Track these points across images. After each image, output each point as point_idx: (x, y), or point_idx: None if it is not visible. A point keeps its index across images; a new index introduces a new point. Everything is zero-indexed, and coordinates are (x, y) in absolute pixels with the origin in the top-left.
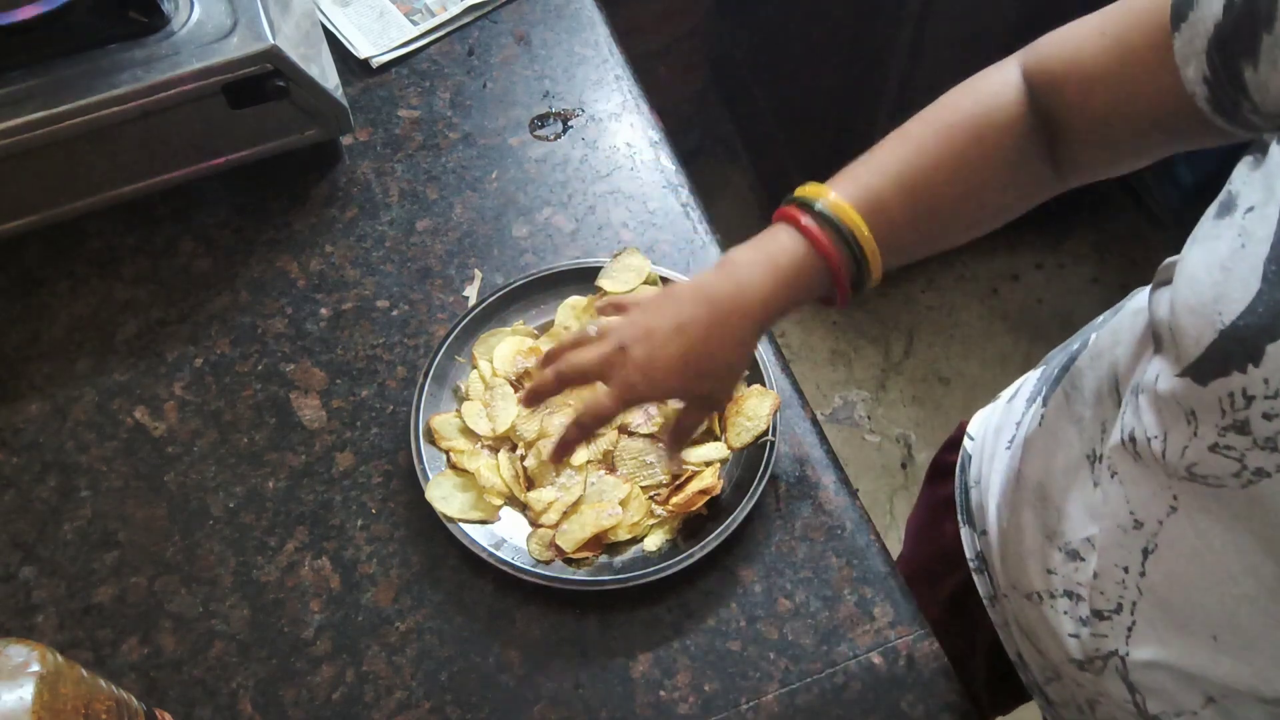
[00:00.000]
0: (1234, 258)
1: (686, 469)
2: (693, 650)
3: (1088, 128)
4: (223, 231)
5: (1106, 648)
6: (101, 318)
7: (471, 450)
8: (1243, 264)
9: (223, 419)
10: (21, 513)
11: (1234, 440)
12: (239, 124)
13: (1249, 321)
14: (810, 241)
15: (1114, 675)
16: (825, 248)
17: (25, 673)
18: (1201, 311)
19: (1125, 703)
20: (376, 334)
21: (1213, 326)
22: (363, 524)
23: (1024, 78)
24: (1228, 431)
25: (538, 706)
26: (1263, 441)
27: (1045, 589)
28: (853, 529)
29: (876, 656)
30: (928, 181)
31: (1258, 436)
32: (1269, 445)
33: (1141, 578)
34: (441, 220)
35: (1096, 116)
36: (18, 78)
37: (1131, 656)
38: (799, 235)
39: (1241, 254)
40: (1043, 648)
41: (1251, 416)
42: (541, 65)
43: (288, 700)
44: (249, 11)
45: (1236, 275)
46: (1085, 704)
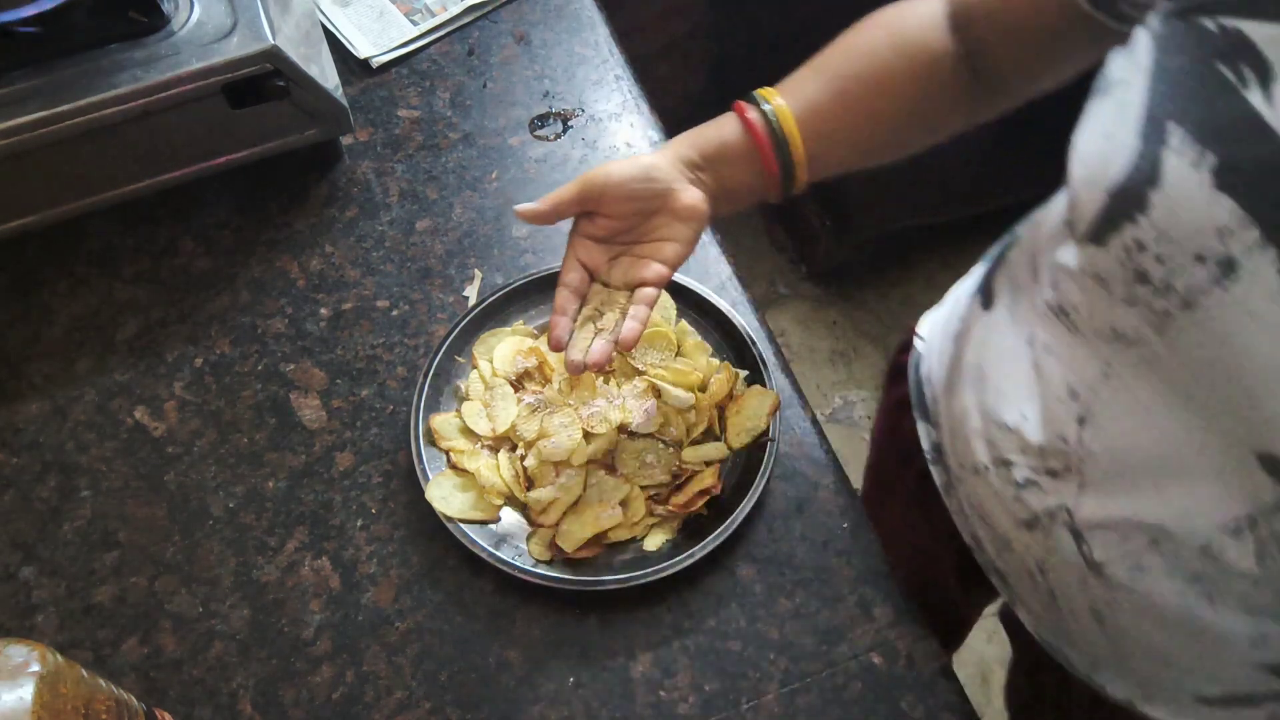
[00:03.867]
0: (1114, 126)
1: (686, 469)
2: (693, 650)
3: (997, 44)
4: (223, 231)
5: (1052, 504)
6: (101, 318)
7: (471, 450)
8: (1121, 129)
9: (223, 419)
10: (21, 513)
11: (1139, 292)
12: (239, 124)
13: (1132, 176)
14: (749, 132)
15: (1061, 529)
16: (761, 141)
17: (25, 673)
18: (1092, 180)
19: (1073, 555)
20: (376, 334)
21: (1102, 189)
22: (363, 524)
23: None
24: (1132, 284)
25: (538, 706)
26: (1161, 285)
27: (990, 460)
28: (852, 529)
29: (876, 656)
30: (860, 98)
31: (1156, 282)
32: (1166, 288)
33: (1079, 443)
34: (441, 220)
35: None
36: (18, 78)
37: (1077, 512)
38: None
39: (1119, 122)
40: (992, 520)
41: (1147, 263)
42: (541, 65)
43: (288, 700)
44: (249, 11)
45: (1118, 140)
46: (1035, 568)
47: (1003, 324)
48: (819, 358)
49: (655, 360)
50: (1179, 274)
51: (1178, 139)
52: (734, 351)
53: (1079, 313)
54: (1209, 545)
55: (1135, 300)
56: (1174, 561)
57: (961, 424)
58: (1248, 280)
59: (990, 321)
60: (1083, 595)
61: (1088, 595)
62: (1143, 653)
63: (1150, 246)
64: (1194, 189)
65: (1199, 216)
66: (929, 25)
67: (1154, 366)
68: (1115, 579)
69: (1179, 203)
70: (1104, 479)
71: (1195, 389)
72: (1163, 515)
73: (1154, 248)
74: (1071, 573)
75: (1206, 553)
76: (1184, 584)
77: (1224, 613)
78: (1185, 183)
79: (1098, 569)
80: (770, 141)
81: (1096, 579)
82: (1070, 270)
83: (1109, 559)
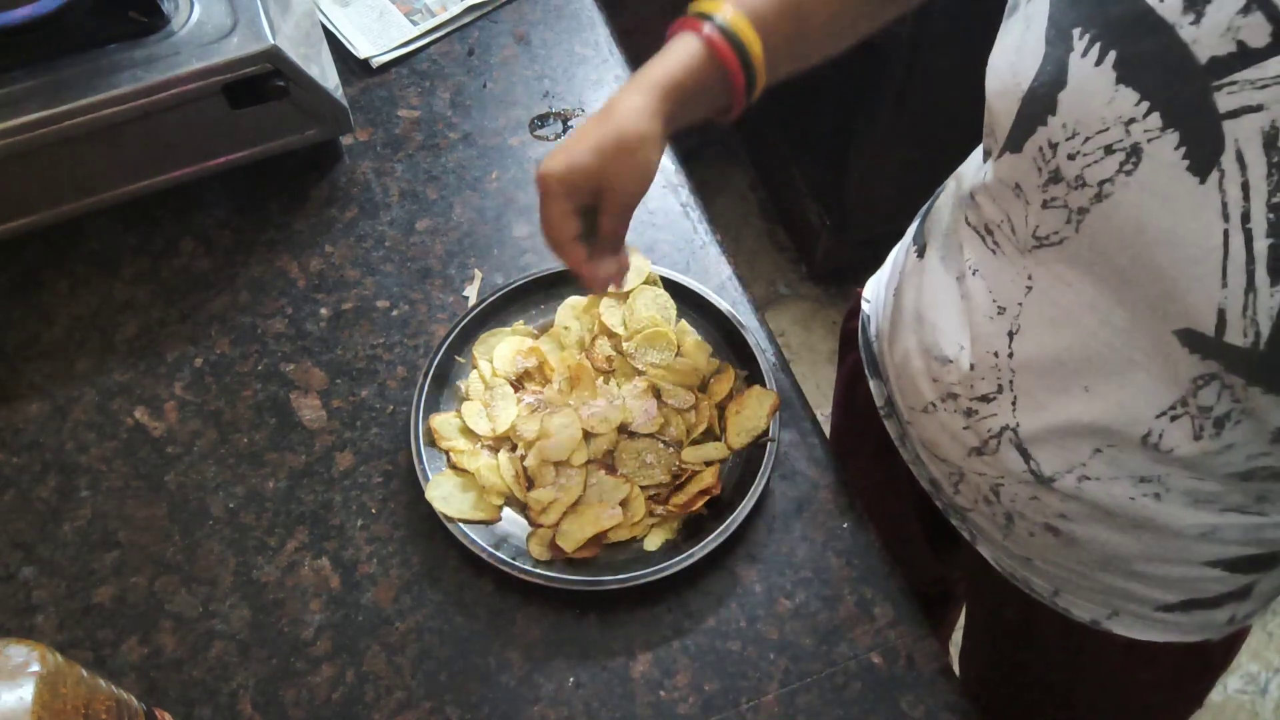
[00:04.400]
0: (1022, 39)
1: (686, 469)
2: (693, 650)
3: None
4: (223, 231)
5: (997, 425)
6: (101, 318)
7: (471, 450)
8: (1029, 41)
9: (223, 419)
10: (21, 513)
11: (1055, 191)
12: (239, 124)
13: (1041, 81)
14: (714, 49)
15: (1008, 448)
16: (727, 56)
17: (25, 673)
18: (1005, 91)
19: (1022, 473)
20: (376, 334)
21: (1015, 97)
22: (363, 524)
23: None
24: (1048, 185)
25: (537, 706)
26: (1074, 181)
27: (935, 396)
28: (852, 529)
29: (876, 656)
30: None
31: (1069, 178)
32: (1079, 182)
33: (1010, 358)
34: (441, 220)
35: None
36: (18, 78)
37: (1021, 427)
38: (702, 42)
39: (1027, 34)
40: (944, 454)
41: (1060, 162)
42: (541, 65)
43: (288, 700)
44: (249, 11)
45: (1026, 50)
46: (990, 493)
47: (934, 267)
48: (819, 358)
49: (655, 360)
50: (1090, 168)
51: (1081, 41)
52: (734, 351)
53: (1001, 229)
54: (1149, 435)
55: (1051, 201)
56: (1118, 464)
57: (906, 368)
58: (1152, 163)
59: (924, 267)
60: (1037, 512)
61: (1042, 511)
62: (1101, 564)
63: (1062, 145)
64: (1098, 85)
65: (1104, 110)
66: None
67: (1073, 269)
68: (1065, 489)
69: (1085, 99)
70: (1038, 390)
71: (1114, 283)
72: (1099, 415)
73: (1065, 146)
74: (1024, 490)
75: (1147, 444)
76: (1131, 485)
77: (1172, 509)
78: (1089, 80)
79: (1048, 483)
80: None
81: (1048, 493)
82: (989, 186)
83: (1056, 471)
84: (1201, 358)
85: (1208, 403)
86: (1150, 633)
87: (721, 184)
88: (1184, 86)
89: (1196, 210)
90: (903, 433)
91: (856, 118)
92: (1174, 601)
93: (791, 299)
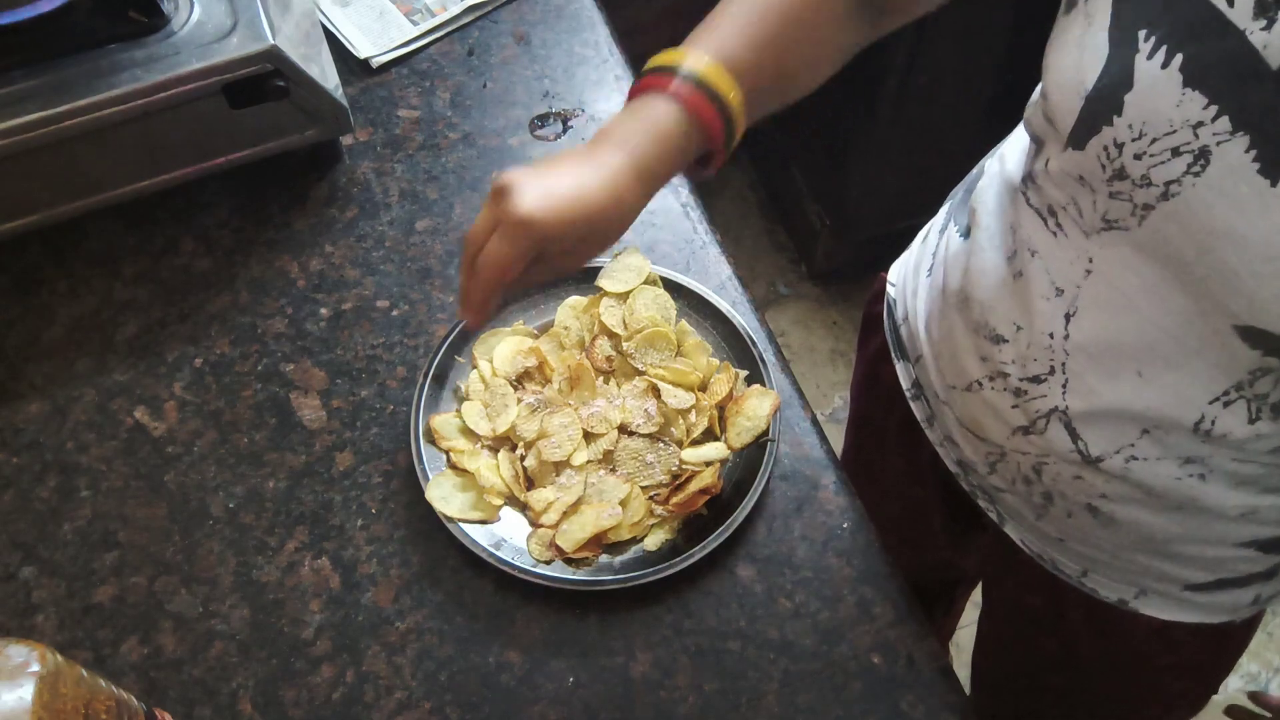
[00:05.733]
0: (1084, 37)
1: (686, 469)
2: (693, 650)
3: None
4: (223, 231)
5: (1046, 407)
6: (101, 318)
7: (471, 450)
8: (1092, 39)
9: (223, 419)
10: (21, 513)
11: (1120, 187)
12: (239, 124)
13: (1105, 82)
14: (687, 107)
15: (1057, 427)
16: (706, 113)
17: (25, 673)
18: (1068, 87)
19: (1069, 452)
20: (376, 334)
21: (1079, 95)
22: (363, 524)
23: None
24: (1113, 181)
25: (537, 706)
26: (1140, 180)
27: (983, 375)
28: (852, 529)
29: (876, 656)
30: (773, 40)
31: (1134, 177)
32: (1145, 181)
33: (1066, 340)
34: (441, 220)
35: None
36: (18, 78)
37: (1071, 409)
38: (674, 102)
39: (1089, 32)
40: (986, 433)
41: (1125, 161)
42: (541, 65)
43: (288, 700)
44: (249, 11)
45: (1089, 49)
46: (1031, 471)
47: (983, 247)
48: (819, 358)
49: (655, 360)
50: (1157, 168)
51: (1147, 43)
52: (734, 351)
53: (1065, 212)
54: (1201, 421)
55: (1116, 196)
56: (1166, 446)
57: (949, 348)
58: (1221, 166)
59: (969, 249)
60: (1079, 492)
61: (1084, 491)
62: (1137, 544)
63: (1128, 145)
64: (1165, 87)
65: (1172, 112)
66: None
67: (1137, 254)
68: (1112, 470)
69: (1152, 102)
70: (1090, 373)
71: (1177, 273)
72: (1152, 401)
73: (1131, 146)
74: (1068, 470)
75: (1199, 430)
76: (1177, 467)
77: (1216, 489)
78: (1157, 82)
79: (1094, 463)
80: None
81: (1094, 473)
82: (1053, 175)
83: (1104, 451)
84: (1263, 354)
85: (1264, 390)
86: (1177, 612)
87: (721, 184)
88: (1255, 91)
89: (1268, 212)
90: (931, 414)
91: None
92: (1203, 581)
93: (791, 299)
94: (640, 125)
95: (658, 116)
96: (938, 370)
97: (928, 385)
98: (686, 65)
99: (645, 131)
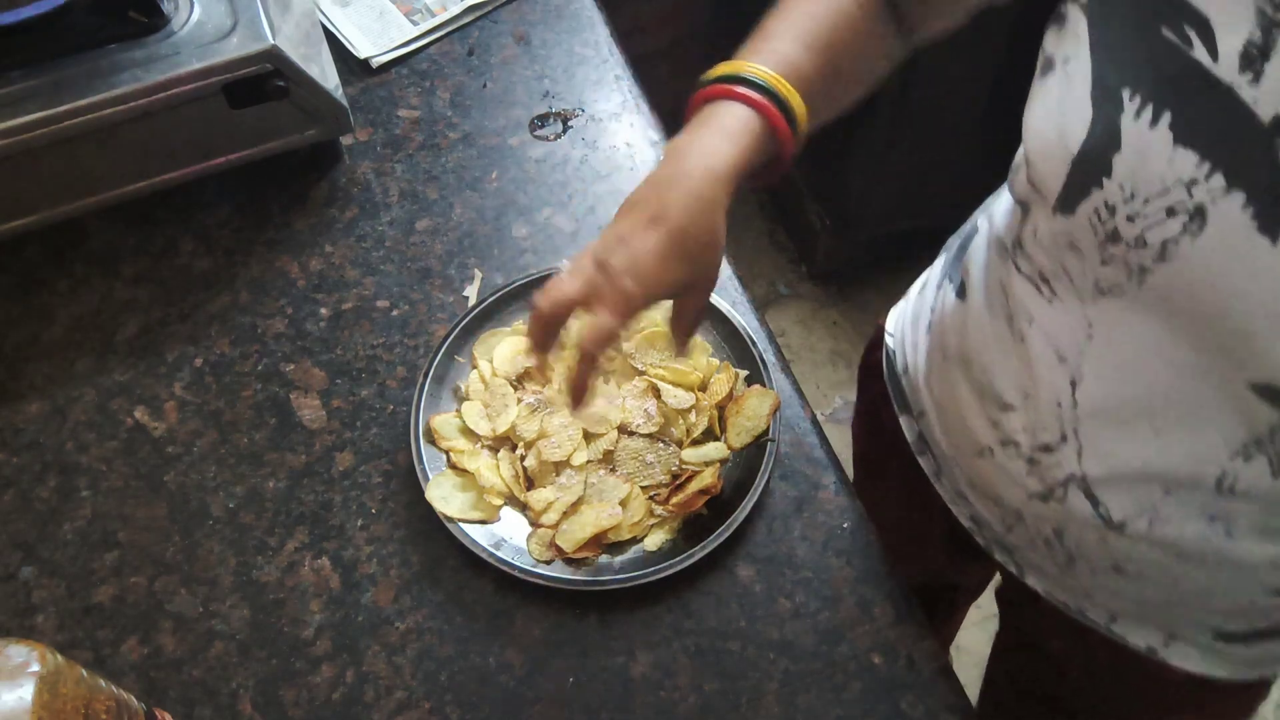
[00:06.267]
0: (1065, 100)
1: (686, 469)
2: (693, 650)
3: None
4: (223, 231)
5: (1063, 474)
6: (101, 318)
7: (471, 450)
8: (1073, 101)
9: (223, 419)
10: (21, 513)
11: (1115, 250)
12: (239, 124)
13: (1091, 144)
14: (756, 109)
15: (1076, 494)
16: (773, 114)
17: (25, 673)
18: (1052, 152)
19: (1090, 518)
20: (376, 334)
21: (1064, 160)
22: (363, 524)
23: None
24: (1107, 244)
25: (537, 706)
26: (1134, 242)
27: (992, 441)
28: (853, 529)
29: (876, 656)
30: (827, 44)
31: (1129, 239)
32: (1140, 243)
33: (1075, 407)
34: (441, 220)
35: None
36: (18, 78)
37: (1089, 475)
38: (743, 105)
39: (1070, 95)
40: (1001, 498)
41: (1119, 224)
42: (541, 65)
43: (288, 700)
44: (249, 11)
45: (1072, 111)
46: (1052, 535)
47: (979, 310)
48: (819, 358)
49: (655, 360)
50: (1152, 229)
51: (1132, 103)
52: (734, 351)
53: (1058, 279)
54: (1223, 478)
55: (1111, 260)
56: (1190, 504)
57: (954, 410)
58: (1218, 224)
59: (967, 309)
60: (1103, 553)
61: (1108, 552)
62: (1165, 596)
63: (1120, 208)
64: (1155, 147)
65: (1164, 171)
66: None
67: (1138, 316)
68: (1136, 533)
69: (1142, 162)
70: (1104, 438)
71: (1183, 332)
72: (1170, 461)
73: (1124, 209)
74: (1091, 534)
75: (1221, 487)
76: (1203, 524)
77: (1244, 543)
78: (1146, 143)
79: (1118, 527)
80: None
81: (1117, 536)
82: (1042, 242)
83: (1126, 516)
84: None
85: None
86: (1209, 664)
87: None
88: (1248, 146)
89: (1271, 269)
90: (939, 469)
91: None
92: (1237, 631)
93: (791, 299)
94: (711, 131)
95: (728, 117)
96: (943, 430)
97: (934, 442)
98: (751, 73)
99: (717, 134)
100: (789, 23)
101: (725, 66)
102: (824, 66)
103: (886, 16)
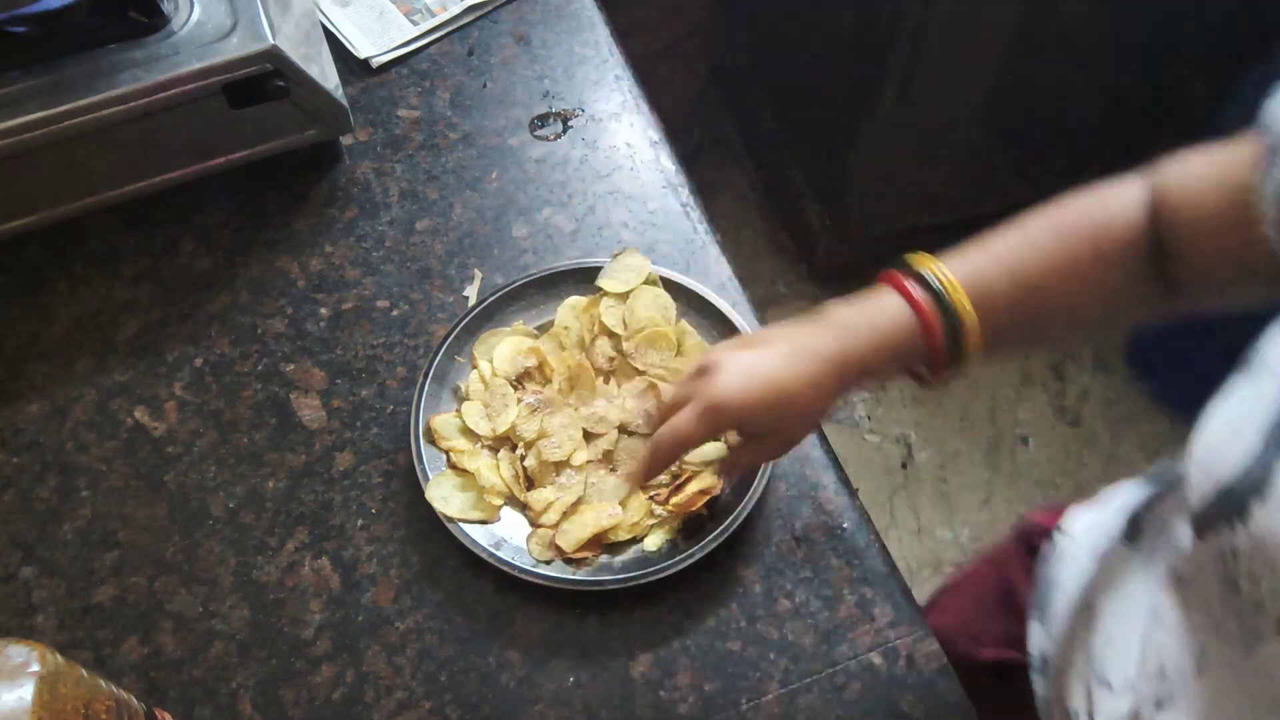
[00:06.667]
0: (1243, 416)
1: (686, 469)
2: (693, 650)
3: (1195, 262)
4: (223, 231)
5: None
6: (101, 318)
7: (471, 450)
8: (1249, 424)
9: (223, 419)
10: (21, 513)
11: (1230, 600)
12: (239, 124)
13: (1242, 480)
14: (915, 313)
15: None
16: (930, 322)
17: (25, 673)
18: (1206, 467)
19: None
20: (376, 334)
21: (1212, 482)
22: (363, 524)
23: (1147, 198)
24: (1224, 590)
25: (537, 706)
26: (1251, 602)
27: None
28: (853, 529)
29: (876, 656)
30: (1039, 281)
31: (1245, 596)
32: (1256, 606)
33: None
34: (441, 220)
35: (1202, 257)
36: (18, 78)
37: None
38: (904, 303)
39: (1249, 414)
40: None
41: (1239, 575)
42: (541, 65)
43: (288, 700)
44: (249, 11)
45: (1242, 434)
46: None
47: (1136, 569)
48: None
49: (655, 360)
50: (1272, 597)
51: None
52: None
53: (1189, 589)
54: None
55: (1228, 610)
56: None
57: (1068, 657)
58: None
59: (1126, 556)
60: None
61: None
62: None
63: (1244, 559)
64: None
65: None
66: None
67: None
68: None
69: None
70: None
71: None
72: None
73: (1246, 562)
74: None
75: None
76: None
77: None
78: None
79: None
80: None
81: None
82: (1183, 547)
83: None
84: None
85: None
86: None
87: (721, 184)
88: None
89: None
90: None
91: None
92: None
93: (791, 299)
94: (865, 318)
95: (883, 312)
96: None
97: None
98: (930, 272)
99: (865, 327)
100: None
101: (918, 258)
102: (1023, 300)
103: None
